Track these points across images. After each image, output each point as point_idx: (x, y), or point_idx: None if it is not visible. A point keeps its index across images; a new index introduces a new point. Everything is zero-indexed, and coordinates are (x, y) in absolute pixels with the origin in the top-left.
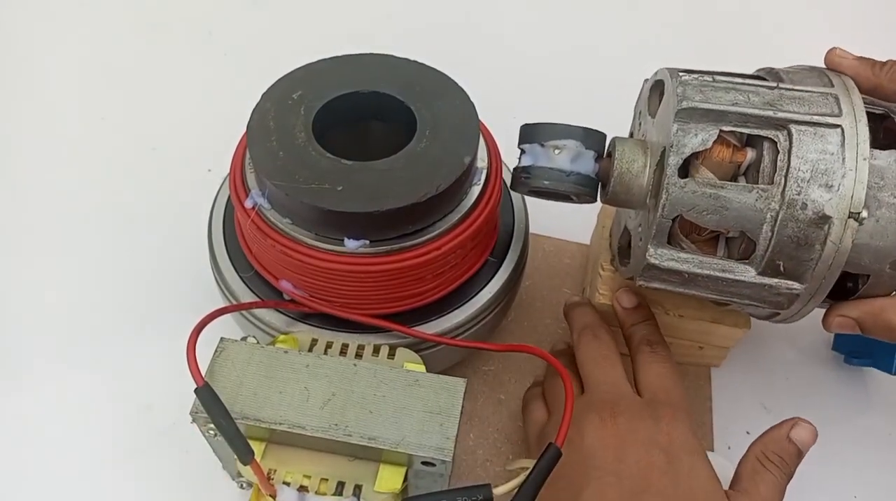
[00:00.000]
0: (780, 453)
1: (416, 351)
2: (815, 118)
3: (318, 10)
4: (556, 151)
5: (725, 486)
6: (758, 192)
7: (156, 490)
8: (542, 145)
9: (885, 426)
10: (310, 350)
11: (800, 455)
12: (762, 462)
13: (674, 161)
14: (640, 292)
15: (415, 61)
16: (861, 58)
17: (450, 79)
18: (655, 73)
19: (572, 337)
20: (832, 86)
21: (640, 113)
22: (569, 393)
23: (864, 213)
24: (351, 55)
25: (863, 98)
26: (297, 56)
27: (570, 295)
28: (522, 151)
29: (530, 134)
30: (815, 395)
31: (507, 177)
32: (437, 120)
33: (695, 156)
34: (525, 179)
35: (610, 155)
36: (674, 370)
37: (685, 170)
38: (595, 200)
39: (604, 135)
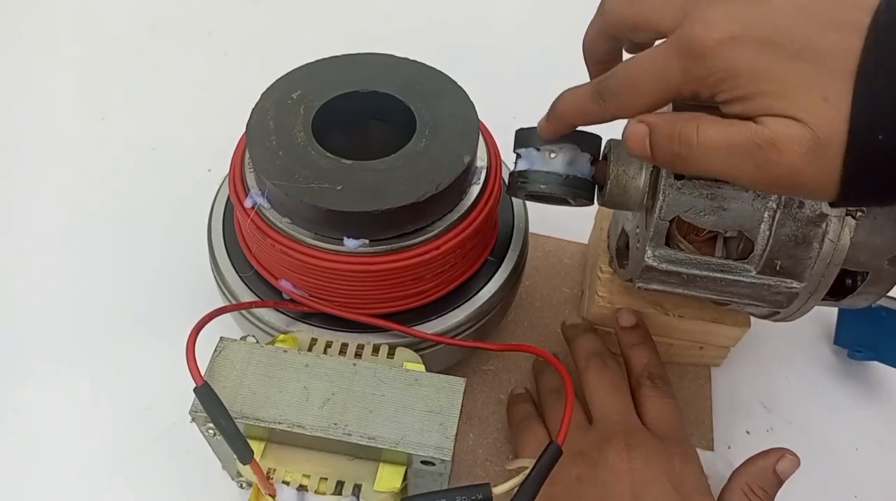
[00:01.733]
0: (764, 486)
1: (416, 351)
2: None
3: (317, 10)
4: (552, 155)
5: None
6: (754, 192)
7: (156, 490)
8: (538, 149)
9: (885, 426)
10: (309, 349)
11: (781, 484)
12: (749, 497)
13: None
14: (640, 314)
15: (415, 61)
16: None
17: (450, 79)
18: None
19: (577, 364)
20: None
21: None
22: (569, 390)
23: (861, 211)
24: (350, 55)
25: None
26: (297, 56)
27: (567, 317)
28: (518, 156)
29: (526, 138)
30: (815, 394)
31: (507, 177)
32: (436, 119)
33: None
34: (521, 183)
35: (606, 157)
36: (676, 405)
37: None
38: (592, 203)
39: (599, 138)
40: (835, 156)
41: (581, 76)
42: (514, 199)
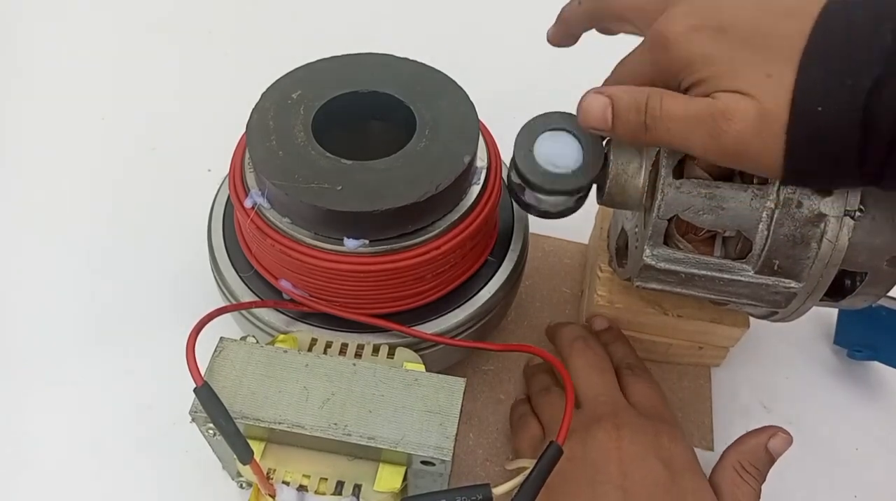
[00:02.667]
0: (756, 464)
1: (416, 351)
2: None
3: (318, 10)
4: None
5: None
6: (753, 191)
7: (156, 490)
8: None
9: (885, 426)
10: (309, 349)
11: (773, 462)
12: (741, 475)
13: (668, 161)
14: (614, 318)
15: (415, 61)
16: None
17: (450, 79)
18: None
19: (562, 352)
20: None
21: None
22: (569, 390)
23: (860, 211)
24: (350, 55)
25: None
26: (297, 56)
27: (567, 317)
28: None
29: (524, 159)
30: (815, 394)
31: (506, 177)
32: (436, 119)
33: (689, 156)
34: (524, 206)
35: (606, 157)
36: (658, 387)
37: (680, 170)
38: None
39: (603, 158)
40: (779, 128)
41: (580, 75)
42: None
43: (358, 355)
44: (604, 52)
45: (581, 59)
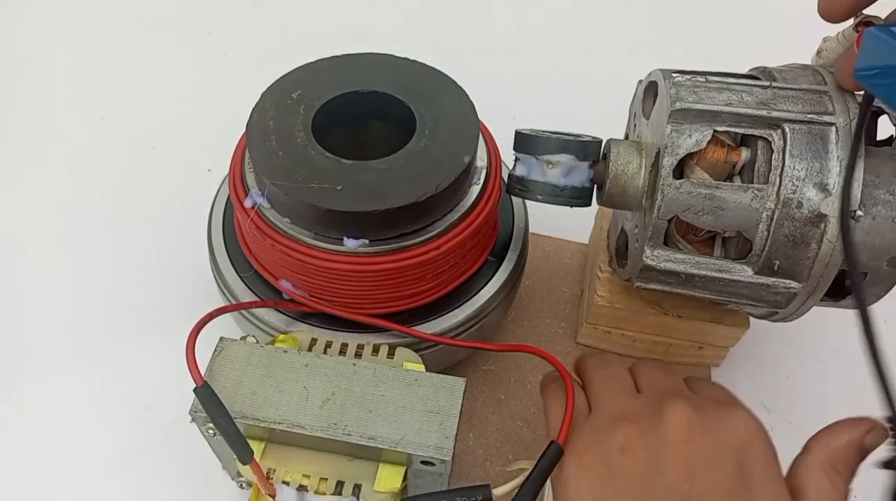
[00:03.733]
0: (851, 463)
1: (416, 351)
2: (809, 117)
3: (317, 10)
4: (550, 166)
5: None
6: (753, 192)
7: (156, 490)
8: (537, 158)
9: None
10: (309, 349)
11: (865, 459)
12: (830, 479)
13: (668, 162)
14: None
15: (415, 61)
16: None
17: (450, 79)
18: (649, 75)
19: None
20: (825, 84)
21: (634, 114)
22: (569, 392)
23: (860, 211)
24: (350, 55)
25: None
26: (296, 56)
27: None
28: (517, 158)
29: (525, 144)
30: (815, 394)
31: (506, 176)
32: (436, 119)
33: (689, 156)
34: (520, 190)
35: (605, 157)
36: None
37: (680, 171)
38: (590, 204)
39: (599, 143)
40: None
41: (579, 75)
42: (513, 199)
43: (358, 355)
44: (602, 51)
45: (580, 59)
